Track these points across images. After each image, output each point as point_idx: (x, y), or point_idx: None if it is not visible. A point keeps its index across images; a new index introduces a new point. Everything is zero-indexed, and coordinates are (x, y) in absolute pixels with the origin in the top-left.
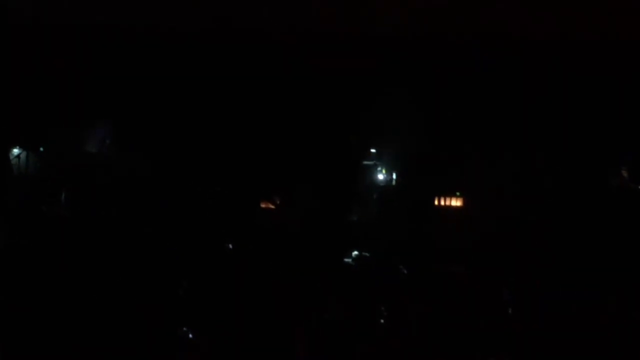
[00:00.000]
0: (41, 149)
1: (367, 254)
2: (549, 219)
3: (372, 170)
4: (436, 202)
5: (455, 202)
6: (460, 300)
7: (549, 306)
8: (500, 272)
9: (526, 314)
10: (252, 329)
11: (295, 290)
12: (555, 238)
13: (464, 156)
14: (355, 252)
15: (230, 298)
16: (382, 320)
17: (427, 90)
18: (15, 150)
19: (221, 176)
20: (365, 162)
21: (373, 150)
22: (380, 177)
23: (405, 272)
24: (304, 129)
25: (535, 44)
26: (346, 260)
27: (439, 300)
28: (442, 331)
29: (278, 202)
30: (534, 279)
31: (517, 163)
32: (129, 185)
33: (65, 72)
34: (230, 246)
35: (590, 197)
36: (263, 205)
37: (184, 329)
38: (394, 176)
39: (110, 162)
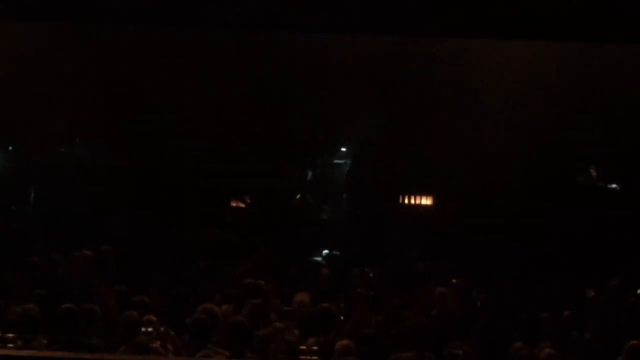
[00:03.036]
0: (10, 147)
1: (337, 253)
2: (518, 217)
3: (342, 168)
4: (406, 201)
5: (425, 201)
6: (428, 298)
7: (517, 305)
8: (471, 269)
9: (495, 310)
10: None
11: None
12: (524, 236)
13: (435, 154)
14: (326, 251)
15: (198, 297)
16: (342, 317)
17: (396, 87)
18: None
19: (193, 173)
20: (336, 161)
21: (344, 149)
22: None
23: (371, 275)
24: (273, 127)
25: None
26: (316, 259)
27: (405, 298)
28: (410, 329)
29: (248, 200)
30: (504, 276)
31: (486, 162)
32: (99, 183)
33: (32, 68)
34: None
35: (559, 196)
36: (234, 204)
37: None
38: (366, 174)
39: (80, 161)
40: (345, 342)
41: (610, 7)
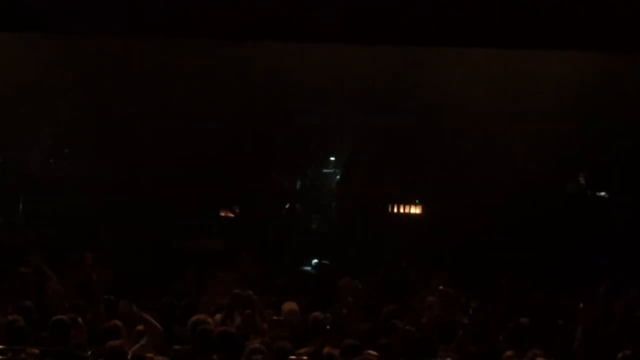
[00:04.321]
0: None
1: (327, 262)
2: (507, 225)
3: (332, 178)
4: (396, 210)
5: (415, 209)
6: (418, 306)
7: (507, 312)
8: (461, 277)
9: (485, 318)
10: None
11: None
12: (514, 244)
13: (423, 163)
14: (315, 260)
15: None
16: (327, 327)
17: (386, 96)
18: None
19: (182, 183)
20: (325, 170)
21: (333, 158)
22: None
23: (360, 287)
24: (263, 136)
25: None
26: (305, 268)
27: (395, 307)
28: (400, 338)
29: (237, 210)
30: (493, 284)
31: (476, 170)
32: (88, 194)
33: (19, 78)
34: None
35: (548, 204)
36: (223, 214)
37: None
38: (352, 183)
39: (67, 171)
40: (332, 351)
41: (605, 18)
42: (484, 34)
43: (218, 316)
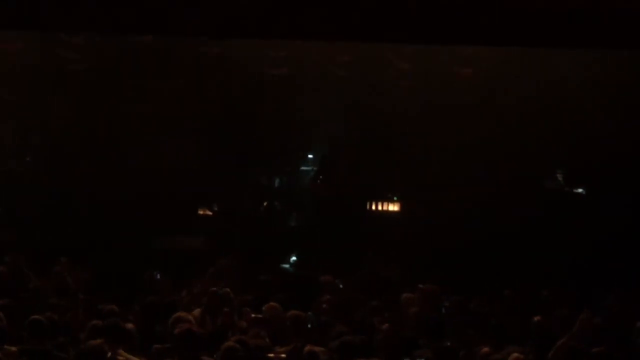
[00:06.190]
0: None
1: (305, 260)
2: (485, 222)
3: (310, 175)
4: (374, 207)
5: (393, 207)
6: (396, 304)
7: (485, 310)
8: (440, 275)
9: (463, 316)
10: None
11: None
12: (492, 242)
13: (401, 160)
14: (294, 258)
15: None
16: (309, 325)
17: (362, 93)
18: None
19: (160, 181)
20: (303, 168)
21: (311, 156)
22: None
23: (341, 285)
24: (241, 134)
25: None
26: (284, 266)
27: (374, 304)
28: (379, 335)
29: (216, 208)
30: (471, 282)
31: (454, 167)
32: (64, 192)
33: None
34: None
35: (526, 201)
36: (201, 212)
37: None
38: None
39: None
40: (314, 349)
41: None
42: (481, 32)
43: (197, 314)
